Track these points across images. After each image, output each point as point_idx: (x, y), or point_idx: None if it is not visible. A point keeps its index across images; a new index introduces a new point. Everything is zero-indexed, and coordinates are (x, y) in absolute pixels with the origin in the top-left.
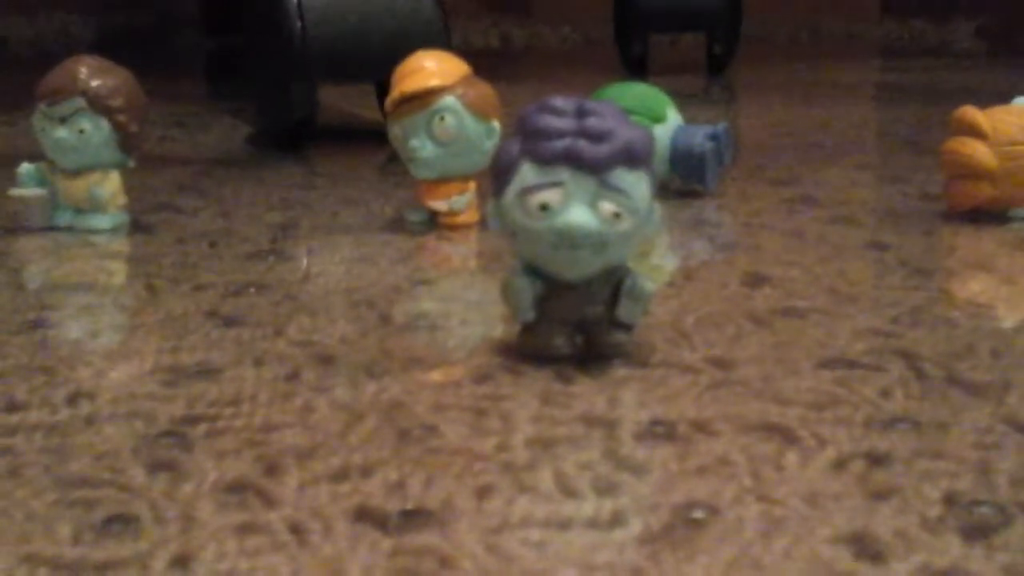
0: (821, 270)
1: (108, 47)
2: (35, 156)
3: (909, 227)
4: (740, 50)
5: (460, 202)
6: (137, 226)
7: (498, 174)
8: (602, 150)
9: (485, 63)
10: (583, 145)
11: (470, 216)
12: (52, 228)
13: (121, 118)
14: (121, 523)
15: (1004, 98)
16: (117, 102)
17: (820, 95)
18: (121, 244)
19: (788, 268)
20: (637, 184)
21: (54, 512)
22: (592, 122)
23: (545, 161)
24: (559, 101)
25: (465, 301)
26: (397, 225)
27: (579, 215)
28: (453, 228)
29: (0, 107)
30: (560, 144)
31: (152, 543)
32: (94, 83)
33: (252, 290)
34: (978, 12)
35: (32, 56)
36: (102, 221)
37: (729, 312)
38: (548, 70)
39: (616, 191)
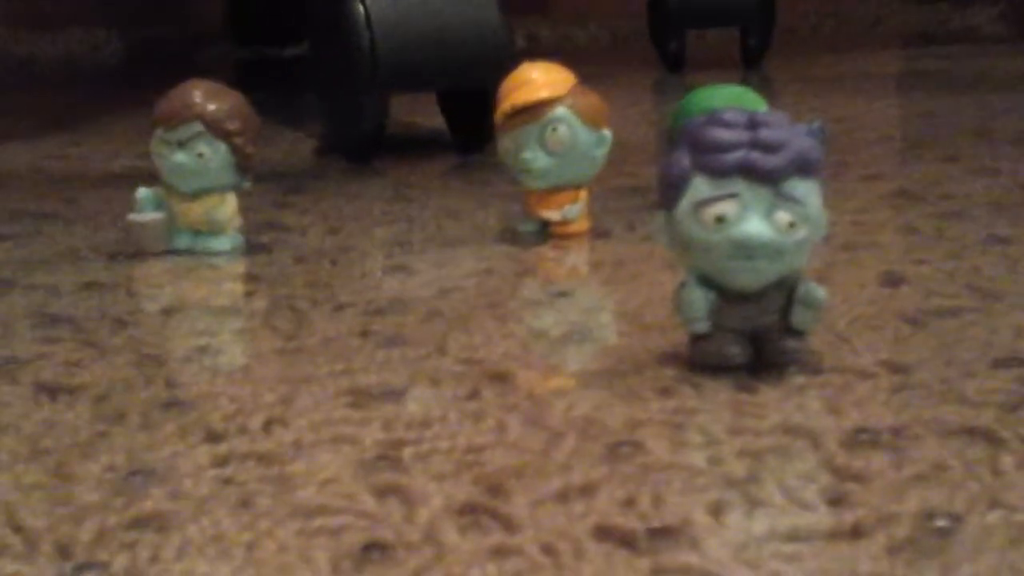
0: (953, 267)
1: (136, 61)
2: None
3: (1021, 219)
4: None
5: (573, 211)
6: (252, 246)
7: (668, 188)
8: (777, 161)
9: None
10: (757, 156)
11: (581, 225)
12: (170, 251)
13: (238, 140)
14: (377, 551)
15: None
16: (234, 125)
17: (865, 87)
18: (244, 265)
19: (919, 266)
20: (810, 193)
21: (304, 542)
22: (765, 133)
23: (719, 174)
24: (728, 114)
25: (611, 312)
26: (508, 236)
27: (756, 226)
28: (566, 237)
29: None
30: (734, 156)
31: (409, 570)
32: (211, 107)
33: (396, 307)
34: None
35: (61, 74)
36: (221, 243)
37: (879, 314)
38: (583, 69)
39: (791, 200)
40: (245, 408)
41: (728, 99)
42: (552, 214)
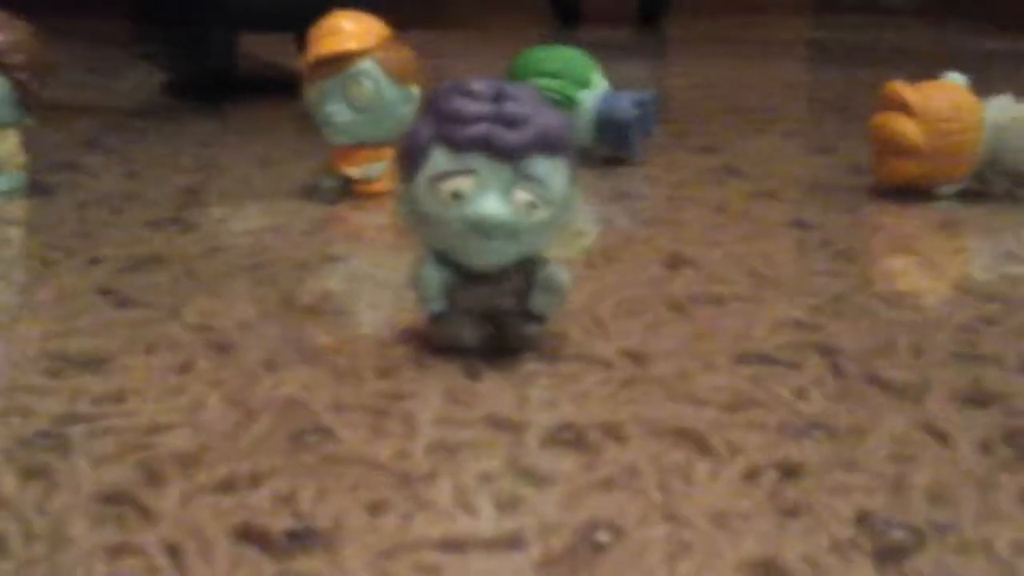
0: (743, 251)
1: None
2: None
3: (834, 204)
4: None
5: (375, 169)
6: (36, 188)
7: (407, 158)
8: (518, 137)
9: (408, 12)
10: (499, 131)
11: (385, 184)
12: None
13: (21, 75)
14: None
15: (935, 61)
16: (17, 59)
17: (750, 53)
18: (16, 208)
19: (710, 248)
20: (554, 173)
21: None
22: (509, 107)
23: (458, 147)
24: (476, 84)
25: (375, 281)
26: (310, 191)
27: (492, 204)
28: (367, 196)
29: None
30: (475, 130)
31: (19, 563)
32: None
33: (153, 265)
34: None
35: None
36: None
37: (648, 298)
38: (472, 18)
39: (532, 180)
40: None
41: (559, 60)
42: (354, 171)
